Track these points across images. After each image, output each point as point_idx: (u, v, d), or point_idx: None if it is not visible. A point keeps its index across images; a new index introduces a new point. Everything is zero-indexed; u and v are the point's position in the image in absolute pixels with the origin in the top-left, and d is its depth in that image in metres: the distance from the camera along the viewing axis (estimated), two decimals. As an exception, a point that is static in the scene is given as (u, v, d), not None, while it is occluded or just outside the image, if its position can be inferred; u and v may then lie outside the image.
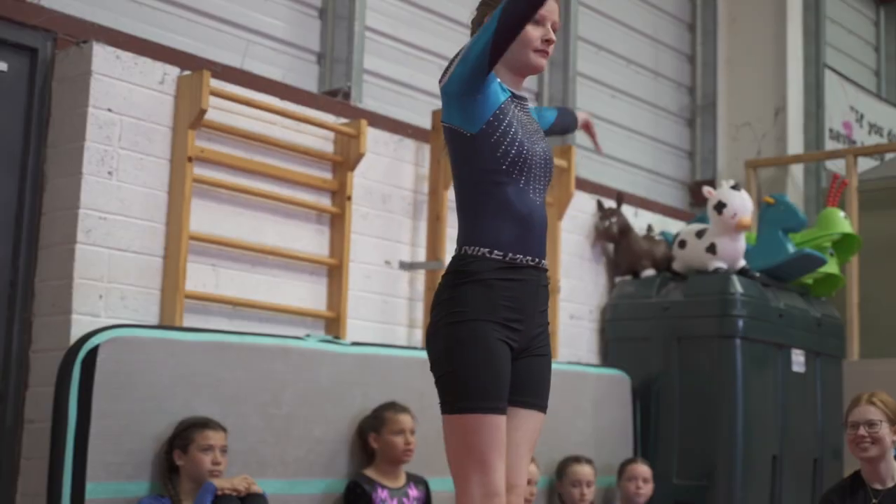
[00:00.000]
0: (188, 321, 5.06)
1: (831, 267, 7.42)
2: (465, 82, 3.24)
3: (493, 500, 3.13)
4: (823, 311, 7.46)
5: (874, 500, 4.55)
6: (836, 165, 8.90)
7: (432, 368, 3.26)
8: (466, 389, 3.15)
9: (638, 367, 6.92)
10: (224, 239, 5.33)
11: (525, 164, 3.28)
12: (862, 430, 4.67)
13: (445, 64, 7.03)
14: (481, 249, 3.23)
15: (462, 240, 3.30)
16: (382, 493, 5.04)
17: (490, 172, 3.26)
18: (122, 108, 4.95)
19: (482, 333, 3.18)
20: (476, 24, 3.52)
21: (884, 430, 4.66)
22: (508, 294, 3.23)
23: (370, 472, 5.11)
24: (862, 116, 10.08)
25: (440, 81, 3.36)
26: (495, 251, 3.23)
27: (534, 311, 3.32)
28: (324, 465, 5.08)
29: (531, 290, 3.29)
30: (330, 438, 5.12)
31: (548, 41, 3.38)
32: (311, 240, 5.74)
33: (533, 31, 3.33)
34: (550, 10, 3.36)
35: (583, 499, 5.90)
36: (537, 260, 3.31)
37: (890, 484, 4.62)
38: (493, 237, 3.24)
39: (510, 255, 3.25)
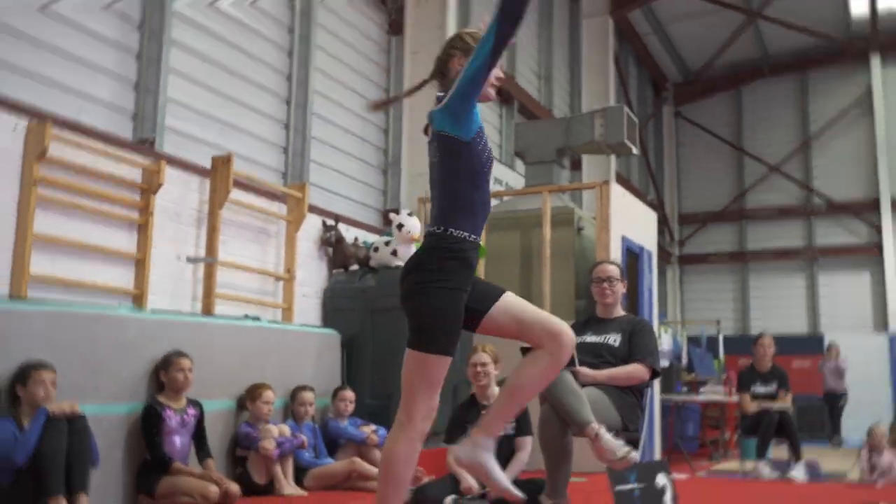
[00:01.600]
0: (33, 293, 4.80)
1: (468, 267, 7.66)
2: (467, 95, 2.78)
3: (432, 415, 2.86)
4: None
5: (483, 412, 4.81)
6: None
7: (412, 315, 2.84)
8: (437, 338, 2.81)
9: (345, 329, 6.95)
10: (64, 238, 5.10)
11: (491, 166, 2.93)
12: (478, 369, 4.95)
13: (224, 125, 6.72)
14: (462, 233, 2.85)
15: (444, 221, 2.87)
16: (169, 412, 4.91)
17: (475, 172, 2.87)
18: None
19: (457, 300, 2.83)
20: (441, 61, 2.99)
21: (490, 368, 4.98)
22: (471, 265, 2.88)
23: (161, 398, 4.96)
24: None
25: (441, 102, 2.87)
26: (472, 235, 2.87)
27: None
28: (129, 393, 4.89)
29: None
30: (133, 375, 4.93)
31: (500, 79, 2.96)
32: (126, 240, 5.55)
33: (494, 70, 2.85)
34: None
35: (307, 413, 5.91)
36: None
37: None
38: (470, 223, 2.86)
39: (474, 237, 2.89)
